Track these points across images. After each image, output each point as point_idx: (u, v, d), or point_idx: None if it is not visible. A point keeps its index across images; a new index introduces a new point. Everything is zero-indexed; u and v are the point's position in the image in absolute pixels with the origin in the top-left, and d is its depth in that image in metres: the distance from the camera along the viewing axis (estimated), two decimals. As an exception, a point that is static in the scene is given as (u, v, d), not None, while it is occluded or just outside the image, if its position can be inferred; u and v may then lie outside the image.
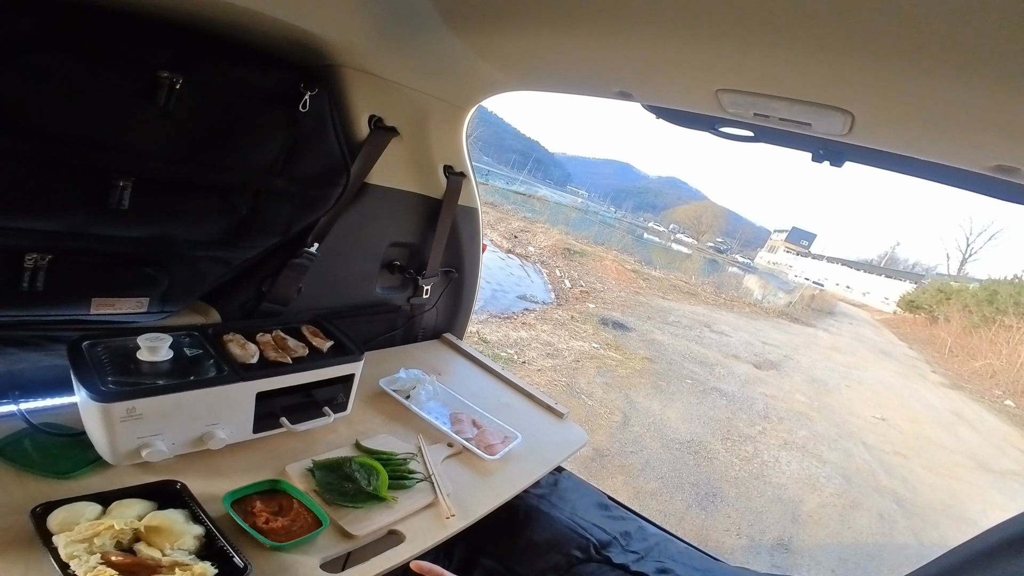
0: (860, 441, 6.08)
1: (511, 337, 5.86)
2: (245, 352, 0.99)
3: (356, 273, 1.53)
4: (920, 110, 0.78)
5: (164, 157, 0.94)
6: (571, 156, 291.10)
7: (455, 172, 1.61)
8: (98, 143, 0.85)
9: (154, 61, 0.86)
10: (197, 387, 0.88)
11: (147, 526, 0.75)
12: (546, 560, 1.25)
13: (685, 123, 1.38)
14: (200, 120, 0.95)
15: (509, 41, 1.13)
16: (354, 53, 1.15)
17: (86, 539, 0.70)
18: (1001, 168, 0.84)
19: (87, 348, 0.89)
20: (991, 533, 0.87)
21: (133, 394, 0.81)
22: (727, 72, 0.89)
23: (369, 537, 0.93)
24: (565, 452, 1.42)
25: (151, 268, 1.03)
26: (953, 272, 47.08)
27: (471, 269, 1.87)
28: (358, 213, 1.39)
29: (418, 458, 1.15)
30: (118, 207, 0.90)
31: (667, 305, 11.17)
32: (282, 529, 0.86)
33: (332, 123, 1.17)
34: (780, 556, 3.37)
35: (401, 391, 1.37)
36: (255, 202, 1.11)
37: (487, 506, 1.10)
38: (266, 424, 1.03)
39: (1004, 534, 0.85)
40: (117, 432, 0.81)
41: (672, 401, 5.56)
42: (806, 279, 43.87)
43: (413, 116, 1.41)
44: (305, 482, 0.98)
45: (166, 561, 0.71)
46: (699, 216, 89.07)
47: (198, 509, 0.82)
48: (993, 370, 13.59)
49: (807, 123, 0.93)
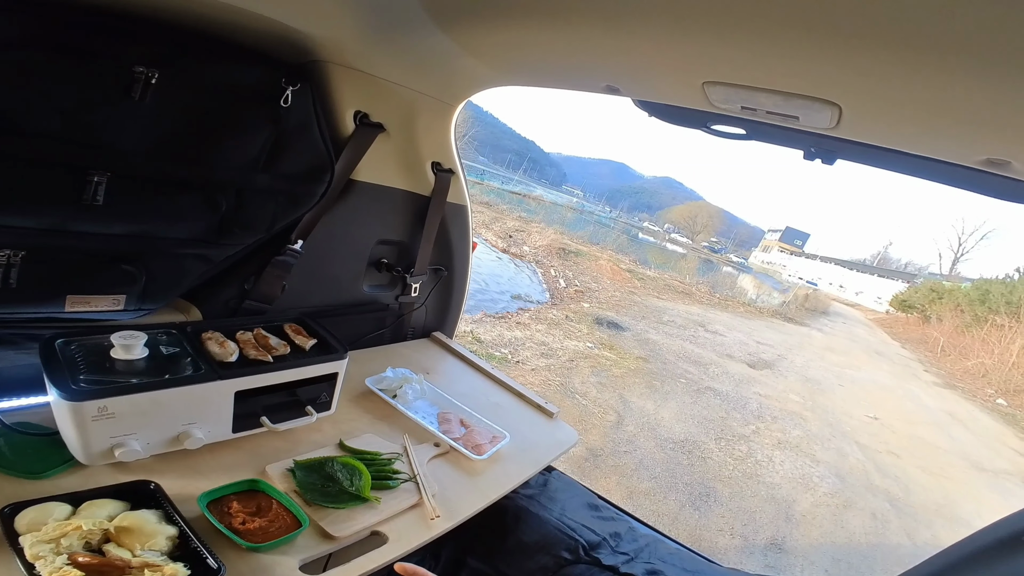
0: (853, 441, 6.10)
1: (505, 337, 5.84)
2: (224, 350, 0.97)
3: (343, 271, 1.51)
4: (908, 103, 0.77)
5: (141, 153, 0.92)
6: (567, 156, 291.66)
7: (443, 169, 1.59)
8: (72, 139, 0.84)
9: (130, 57, 0.85)
10: (172, 386, 0.86)
11: (117, 526, 0.74)
12: (535, 561, 1.24)
13: (677, 121, 1.37)
14: (179, 116, 0.94)
15: (496, 36, 1.12)
16: (339, 49, 1.14)
17: (53, 539, 0.68)
18: (991, 162, 0.83)
19: (60, 346, 0.87)
20: (985, 533, 0.86)
21: (104, 393, 0.79)
22: (713, 64, 0.88)
23: (351, 538, 0.91)
24: (555, 452, 1.41)
25: (128, 265, 1.01)
26: (945, 272, 47.39)
27: (461, 267, 1.85)
28: (344, 210, 1.37)
29: (403, 458, 1.13)
30: (93, 203, 0.88)
31: (662, 305, 11.18)
32: (259, 530, 0.84)
33: (316, 119, 1.15)
34: (774, 556, 3.37)
35: (388, 390, 1.36)
36: (237, 199, 1.09)
37: (474, 507, 1.09)
38: (247, 423, 1.01)
39: (998, 534, 0.84)
40: (89, 431, 0.80)
41: (666, 401, 5.56)
42: (800, 279, 44.10)
43: (400, 112, 1.39)
44: (286, 482, 0.96)
45: (136, 562, 0.70)
46: (694, 216, 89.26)
47: (172, 509, 0.81)
48: (985, 369, 13.68)
49: (795, 116, 0.92)
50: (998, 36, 0.57)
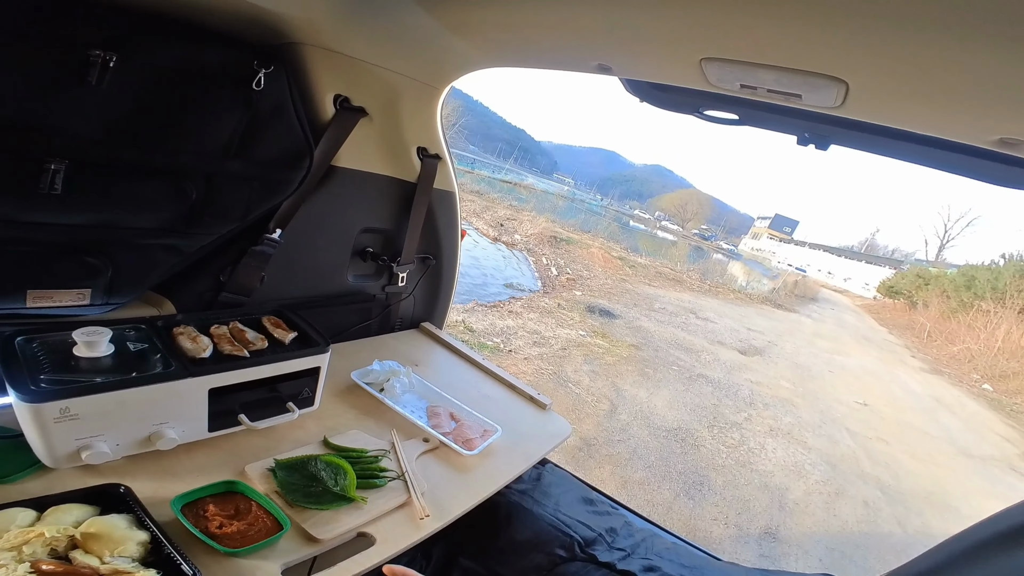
0: (844, 427, 6.15)
1: (497, 326, 5.82)
2: (197, 345, 0.92)
3: (325, 261, 1.46)
4: (919, 79, 0.73)
5: (100, 139, 0.88)
6: (557, 144, 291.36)
7: (430, 154, 1.54)
8: (26, 125, 0.80)
9: (85, 40, 0.80)
10: (138, 384, 0.81)
11: (84, 533, 0.70)
12: (529, 560, 1.21)
13: (668, 105, 1.34)
14: (140, 100, 0.89)
15: (481, 14, 1.07)
16: (315, 30, 1.09)
17: (15, 547, 0.65)
18: (1004, 142, 0.79)
19: (21, 344, 0.82)
20: (983, 526, 0.84)
21: (66, 393, 0.75)
22: (711, 39, 0.83)
23: (336, 541, 0.88)
24: (548, 445, 1.37)
25: (92, 257, 0.96)
26: (932, 258, 47.90)
27: (449, 255, 1.80)
28: (325, 197, 1.32)
29: (391, 455, 1.10)
30: (51, 191, 0.83)
31: (653, 292, 11.20)
32: (237, 534, 0.80)
33: (292, 103, 1.11)
34: (768, 546, 3.38)
35: (374, 384, 1.31)
36: (207, 186, 1.04)
37: (465, 504, 1.05)
38: (224, 422, 0.96)
39: (998, 527, 0.82)
40: (52, 434, 0.75)
41: (659, 388, 5.56)
42: (789, 265, 44.42)
43: (383, 96, 1.34)
44: (266, 483, 0.92)
45: (105, 569, 0.66)
46: (684, 204, 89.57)
47: (143, 514, 0.76)
48: (971, 354, 13.85)
49: (797, 95, 0.88)
50: (1017, 6, 0.53)
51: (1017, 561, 0.76)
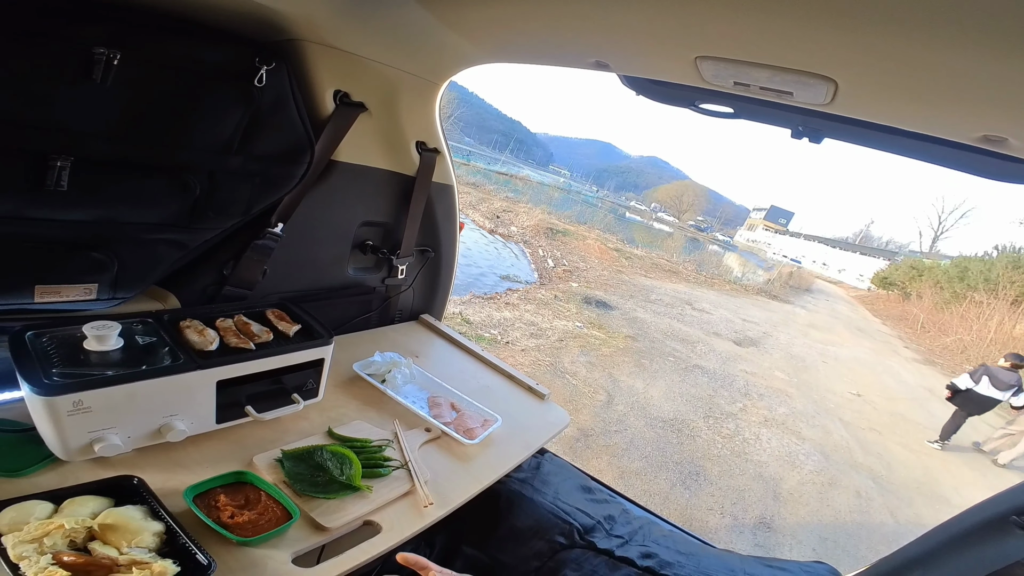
0: (837, 418, 6.21)
1: (494, 318, 5.84)
2: (203, 339, 0.94)
3: (326, 254, 1.47)
4: (905, 78, 0.75)
5: (105, 136, 0.88)
6: (553, 136, 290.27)
7: (428, 148, 1.55)
8: (31, 123, 0.80)
9: (88, 38, 0.81)
10: (149, 377, 0.83)
11: (101, 524, 0.71)
12: (529, 547, 1.23)
13: (664, 99, 1.35)
14: (144, 98, 0.90)
15: (479, 11, 1.08)
16: (314, 27, 1.10)
17: (35, 539, 0.66)
18: (988, 139, 0.81)
19: (31, 339, 0.83)
20: (971, 513, 0.86)
21: (79, 386, 0.76)
22: (706, 38, 0.85)
23: (343, 529, 0.90)
24: (547, 434, 1.40)
25: (98, 252, 0.97)
26: (925, 249, 48.14)
27: (448, 248, 1.82)
28: (326, 192, 1.34)
29: (394, 444, 1.12)
30: (56, 188, 0.84)
31: (649, 284, 11.23)
32: (248, 523, 0.82)
33: (293, 99, 1.11)
34: (763, 535, 3.43)
35: (376, 375, 1.33)
36: (210, 181, 1.05)
37: (467, 492, 1.08)
38: (231, 414, 0.98)
39: (985, 514, 0.84)
40: (65, 427, 0.77)
41: (655, 379, 5.60)
42: (784, 257, 44.55)
43: (382, 91, 1.35)
44: (274, 473, 0.94)
45: (123, 560, 0.68)
46: (680, 195, 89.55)
47: (157, 505, 0.78)
48: (963, 345, 13.98)
49: (788, 92, 0.90)
50: (998, 10, 0.55)
51: (1004, 547, 0.79)
